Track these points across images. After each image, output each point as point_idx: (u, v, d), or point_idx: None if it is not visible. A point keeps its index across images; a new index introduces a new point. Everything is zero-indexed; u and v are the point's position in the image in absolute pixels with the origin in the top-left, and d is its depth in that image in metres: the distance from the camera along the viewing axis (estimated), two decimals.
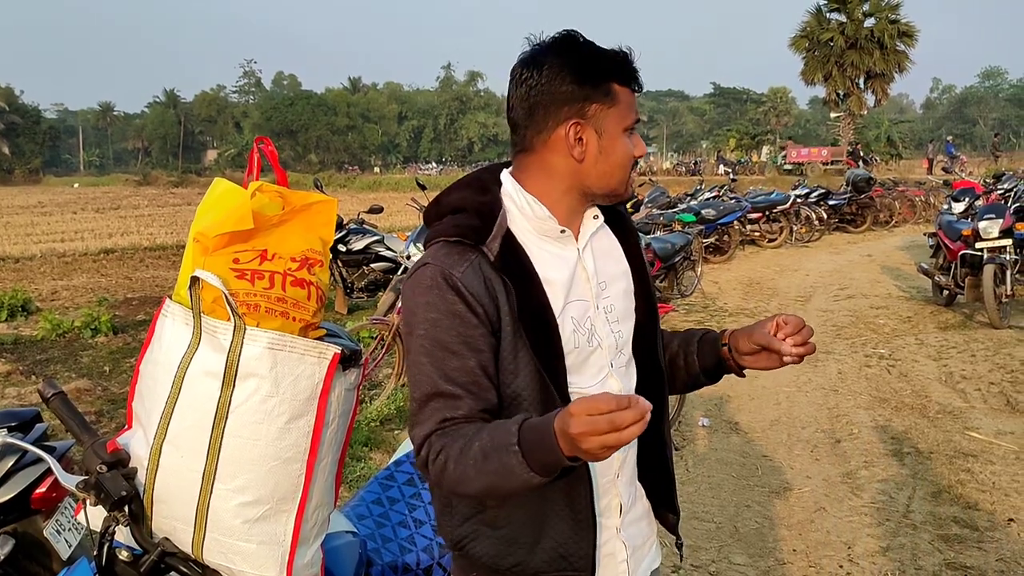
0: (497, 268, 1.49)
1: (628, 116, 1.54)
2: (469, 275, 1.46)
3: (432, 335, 1.46)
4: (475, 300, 1.45)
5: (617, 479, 1.62)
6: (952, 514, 4.32)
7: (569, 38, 1.53)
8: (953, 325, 8.97)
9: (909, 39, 37.39)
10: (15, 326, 9.58)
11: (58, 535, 2.83)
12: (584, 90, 1.50)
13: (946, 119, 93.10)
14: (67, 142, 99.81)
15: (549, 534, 1.53)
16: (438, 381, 1.45)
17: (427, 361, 1.46)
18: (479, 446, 1.37)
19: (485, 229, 1.51)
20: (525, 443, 1.31)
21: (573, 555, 1.54)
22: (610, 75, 1.51)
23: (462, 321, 1.45)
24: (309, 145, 76.56)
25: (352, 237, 9.83)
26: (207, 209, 1.65)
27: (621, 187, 1.59)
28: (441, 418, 1.44)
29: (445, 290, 1.45)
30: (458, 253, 1.49)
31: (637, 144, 1.58)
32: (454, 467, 1.39)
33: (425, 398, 1.46)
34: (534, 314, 1.49)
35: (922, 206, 19.81)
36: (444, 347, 1.45)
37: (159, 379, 1.62)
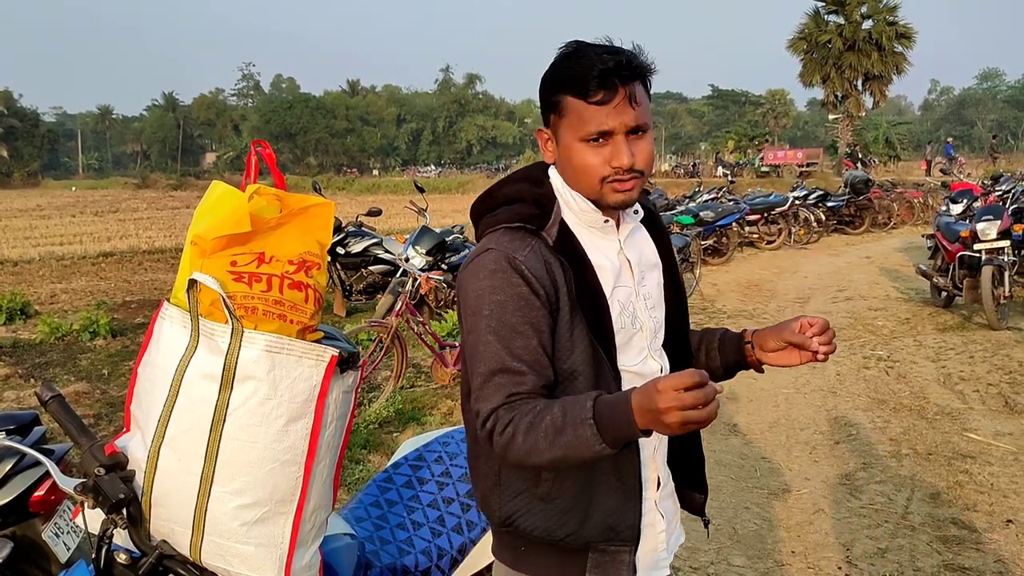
0: (556, 251, 1.61)
1: (581, 127, 1.58)
2: (531, 258, 1.58)
3: (499, 316, 1.56)
4: (537, 282, 1.57)
5: (656, 453, 1.74)
6: (950, 515, 4.33)
7: (560, 52, 1.63)
8: (951, 326, 8.97)
9: (907, 41, 37.40)
10: (14, 329, 9.57)
11: (57, 538, 2.83)
12: (546, 101, 1.64)
13: (944, 121, 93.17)
14: (66, 145, 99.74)
15: (598, 506, 1.64)
16: (505, 358, 1.54)
17: (494, 339, 1.55)
18: (551, 419, 1.46)
19: (544, 216, 1.64)
20: (600, 417, 1.42)
21: (620, 525, 1.65)
22: (561, 89, 1.60)
23: (527, 303, 1.56)
24: (308, 148, 76.50)
25: (351, 240, 9.83)
26: (205, 212, 1.66)
27: (593, 194, 1.64)
28: (508, 393, 1.53)
29: (510, 273, 1.57)
30: (519, 238, 1.61)
31: (613, 156, 1.58)
32: (523, 439, 1.48)
33: (491, 373, 1.55)
34: (589, 295, 1.62)
35: (920, 208, 19.84)
36: (510, 327, 1.55)
37: (157, 382, 1.62)
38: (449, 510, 2.37)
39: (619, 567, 1.66)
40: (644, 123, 1.59)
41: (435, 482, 2.45)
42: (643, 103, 1.59)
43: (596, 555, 1.66)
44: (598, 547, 1.65)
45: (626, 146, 1.58)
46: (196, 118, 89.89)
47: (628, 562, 1.67)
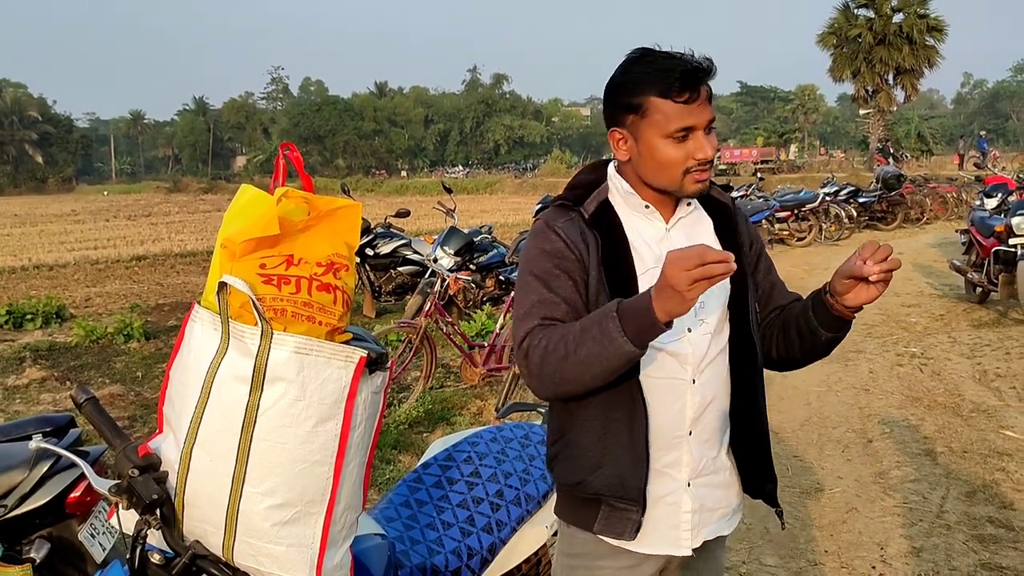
0: (590, 224, 1.82)
1: (666, 125, 1.73)
2: (568, 226, 1.82)
3: (539, 263, 1.80)
4: (572, 244, 1.79)
5: (689, 436, 1.83)
6: (987, 514, 4.27)
7: (634, 53, 1.79)
8: (987, 323, 8.85)
9: (939, 34, 36.94)
10: (49, 333, 9.72)
11: (93, 539, 2.87)
12: (621, 104, 1.79)
13: (978, 114, 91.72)
14: (99, 150, 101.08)
15: (610, 462, 1.79)
16: (543, 292, 1.77)
17: (534, 279, 1.79)
18: (579, 325, 1.67)
19: (584, 195, 1.87)
20: (622, 310, 1.60)
21: (627, 485, 1.79)
22: (645, 89, 1.74)
23: (562, 256, 1.79)
24: (336, 150, 76.91)
25: (379, 241, 9.88)
26: (234, 216, 1.67)
27: (673, 185, 1.80)
28: (544, 315, 1.75)
29: (548, 233, 1.82)
30: (561, 212, 1.86)
31: (697, 148, 1.75)
32: (554, 347, 1.67)
33: (531, 306, 1.77)
34: (617, 266, 1.79)
35: (954, 202, 19.55)
36: (548, 271, 1.78)
37: (188, 384, 1.64)
38: (478, 510, 2.37)
39: (623, 523, 1.81)
40: (714, 120, 1.79)
41: (464, 482, 2.45)
42: (712, 101, 1.79)
43: (606, 508, 1.82)
44: (608, 500, 1.81)
45: (707, 140, 1.76)
46: (226, 122, 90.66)
47: (634, 521, 1.81)
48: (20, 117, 79.34)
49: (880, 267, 1.65)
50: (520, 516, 2.42)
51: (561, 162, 58.62)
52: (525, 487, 2.48)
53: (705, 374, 1.83)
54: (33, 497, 2.73)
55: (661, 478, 1.83)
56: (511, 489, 2.46)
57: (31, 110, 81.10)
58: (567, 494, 1.90)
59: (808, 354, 1.94)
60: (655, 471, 1.81)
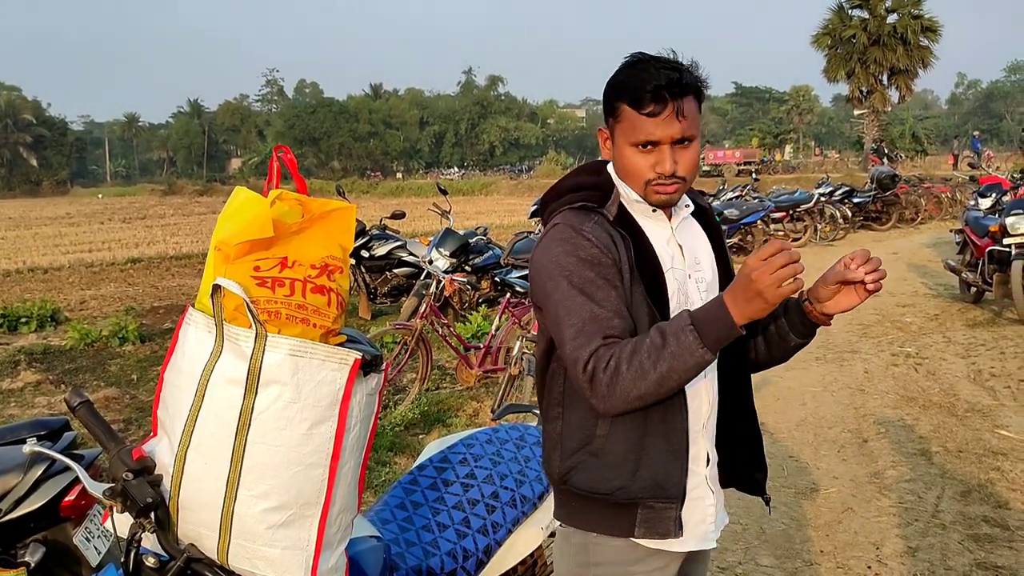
0: (616, 225, 1.79)
1: (632, 134, 1.75)
2: (596, 229, 1.77)
3: (579, 273, 1.72)
4: (604, 248, 1.75)
5: (704, 430, 1.86)
6: (982, 513, 4.27)
7: (624, 61, 1.79)
8: (981, 322, 8.87)
9: (933, 34, 37.03)
10: (44, 336, 9.69)
11: (87, 542, 2.86)
12: (606, 105, 1.81)
13: (972, 114, 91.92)
14: (93, 153, 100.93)
15: (647, 463, 1.76)
16: (592, 307, 1.70)
17: (578, 293, 1.71)
18: (650, 341, 1.63)
19: (604, 197, 1.83)
20: (697, 321, 1.60)
21: (667, 483, 1.78)
22: (619, 97, 1.76)
23: (599, 263, 1.73)
24: (332, 152, 76.84)
25: (375, 243, 9.86)
26: (228, 218, 1.67)
27: (639, 192, 1.81)
28: (604, 334, 1.68)
29: (579, 239, 1.75)
30: (583, 215, 1.80)
31: (658, 161, 1.75)
32: (627, 366, 1.63)
33: (583, 322, 1.69)
34: (648, 265, 1.78)
35: (948, 202, 19.58)
36: (591, 282, 1.71)
37: (183, 387, 1.64)
38: (474, 512, 2.37)
39: (666, 522, 1.79)
40: (690, 135, 1.74)
41: (460, 484, 2.45)
42: (691, 116, 1.74)
43: (645, 511, 1.78)
44: (646, 503, 1.78)
45: (670, 155, 1.74)
46: (221, 124, 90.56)
47: (675, 518, 1.79)
48: (14, 120, 79.18)
49: (873, 276, 1.66)
50: (516, 518, 2.42)
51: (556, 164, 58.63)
52: (521, 488, 2.48)
53: (711, 373, 1.86)
54: (28, 501, 2.73)
55: (688, 475, 1.84)
56: (507, 491, 2.46)
57: (25, 113, 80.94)
58: (590, 502, 1.82)
59: (770, 360, 1.98)
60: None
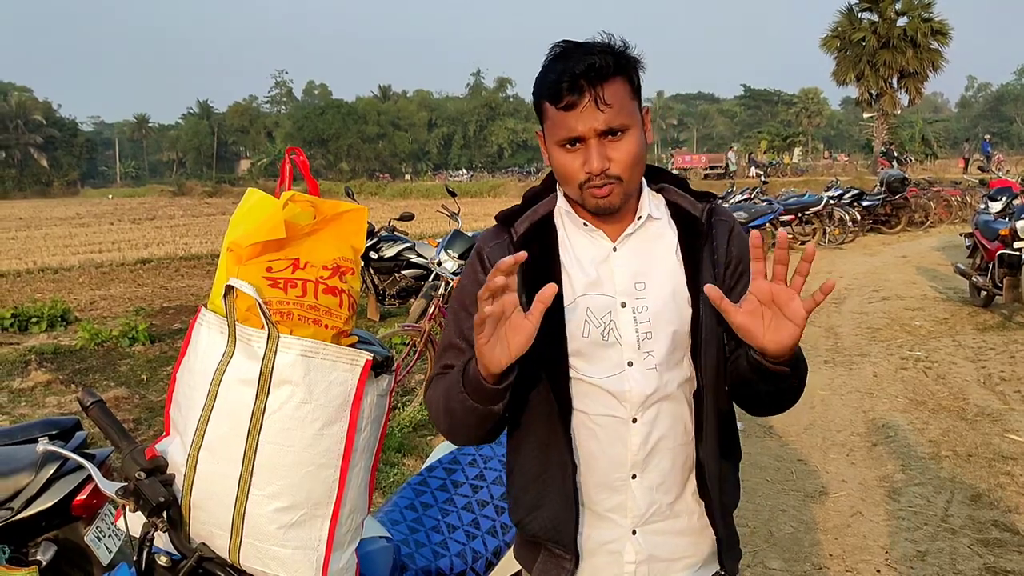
0: (517, 246, 1.65)
1: (555, 132, 1.56)
2: (496, 250, 1.67)
3: (459, 297, 1.72)
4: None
5: (632, 480, 1.63)
6: (992, 518, 4.26)
7: (551, 52, 1.58)
8: (991, 326, 8.83)
9: (943, 37, 36.94)
10: (55, 336, 9.74)
11: (99, 541, 2.88)
12: (535, 106, 1.63)
13: (982, 117, 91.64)
14: (103, 154, 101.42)
15: (546, 504, 1.67)
16: (453, 336, 1.69)
17: (451, 319, 1.72)
18: (448, 379, 1.61)
19: (517, 214, 1.71)
20: (468, 369, 1.51)
21: (561, 530, 1.66)
22: (539, 94, 1.59)
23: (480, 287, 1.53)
24: (340, 153, 76.98)
25: (383, 244, 9.88)
26: (240, 219, 1.67)
27: (577, 198, 1.61)
28: (444, 364, 1.68)
29: (475, 262, 1.71)
30: (495, 233, 1.72)
31: (586, 159, 1.53)
32: (436, 402, 1.63)
33: (442, 349, 1.72)
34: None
35: (958, 206, 19.53)
36: (464, 307, 1.69)
37: (195, 387, 1.64)
38: (484, 513, 2.38)
39: (559, 571, 1.67)
40: (619, 124, 1.52)
41: (469, 485, 2.46)
42: (618, 102, 1.51)
43: (545, 554, 1.71)
44: (547, 546, 1.70)
45: (596, 150, 1.52)
46: (230, 125, 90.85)
47: (568, 570, 1.66)
48: (25, 121, 79.60)
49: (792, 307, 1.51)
50: None
51: None
52: None
53: (649, 412, 1.60)
54: (39, 500, 2.74)
55: (603, 523, 1.65)
56: None
57: (36, 114, 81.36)
58: (517, 533, 1.79)
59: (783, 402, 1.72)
60: (596, 515, 1.66)
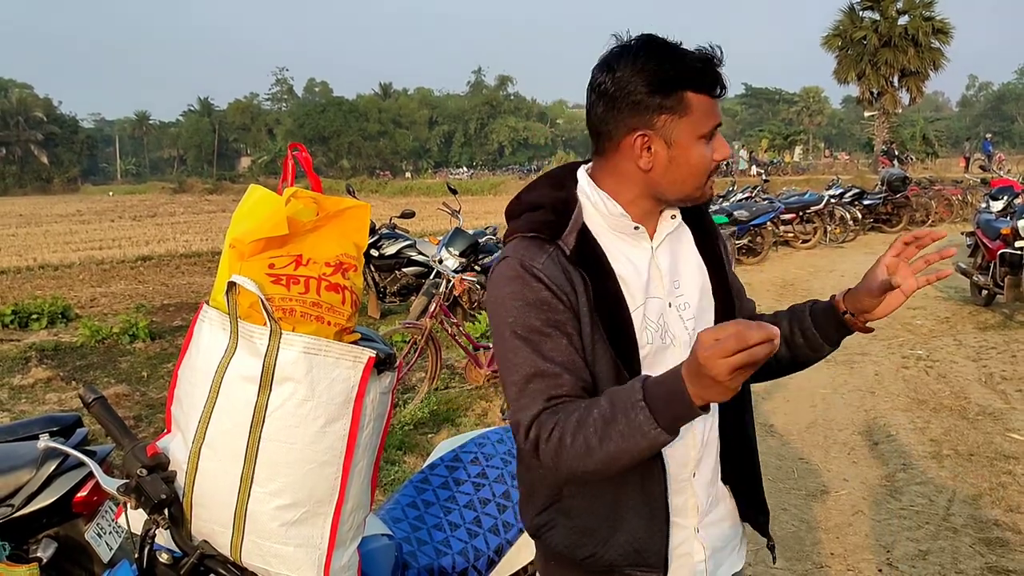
0: (573, 261, 1.52)
1: (704, 124, 1.51)
2: (549, 266, 1.50)
3: (523, 321, 1.48)
4: (558, 288, 1.49)
5: (693, 479, 1.63)
6: (994, 517, 4.25)
7: (647, 42, 1.50)
8: (992, 325, 8.83)
9: (944, 36, 36.91)
10: (55, 333, 9.73)
11: (99, 538, 2.87)
12: (654, 100, 1.48)
13: (983, 117, 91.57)
14: (104, 151, 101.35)
15: (623, 527, 1.55)
16: (537, 361, 1.46)
17: (522, 344, 1.48)
18: (599, 413, 1.37)
19: (560, 224, 1.54)
20: (651, 398, 1.32)
21: (647, 550, 1.56)
22: (683, 84, 1.47)
23: (549, 307, 1.48)
24: (341, 151, 76.97)
25: (384, 242, 9.87)
26: (243, 216, 1.67)
27: (696, 192, 1.58)
28: (547, 396, 1.45)
29: (529, 279, 1.49)
30: (536, 247, 1.53)
31: (718, 148, 1.55)
32: (572, 440, 1.39)
33: (525, 380, 1.47)
34: (610, 308, 1.51)
35: (959, 205, 19.50)
36: (537, 331, 1.48)
37: (197, 384, 1.64)
38: (485, 511, 2.37)
39: None
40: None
41: (471, 483, 2.45)
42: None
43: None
44: (623, 571, 1.57)
45: (719, 136, 1.57)
46: (231, 123, 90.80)
47: None
48: (26, 117, 79.63)
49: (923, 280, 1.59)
50: None
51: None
52: None
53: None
54: (40, 496, 2.74)
55: (673, 529, 1.61)
56: (518, 490, 2.45)
57: (37, 110, 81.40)
58: (564, 564, 1.63)
59: (794, 367, 1.79)
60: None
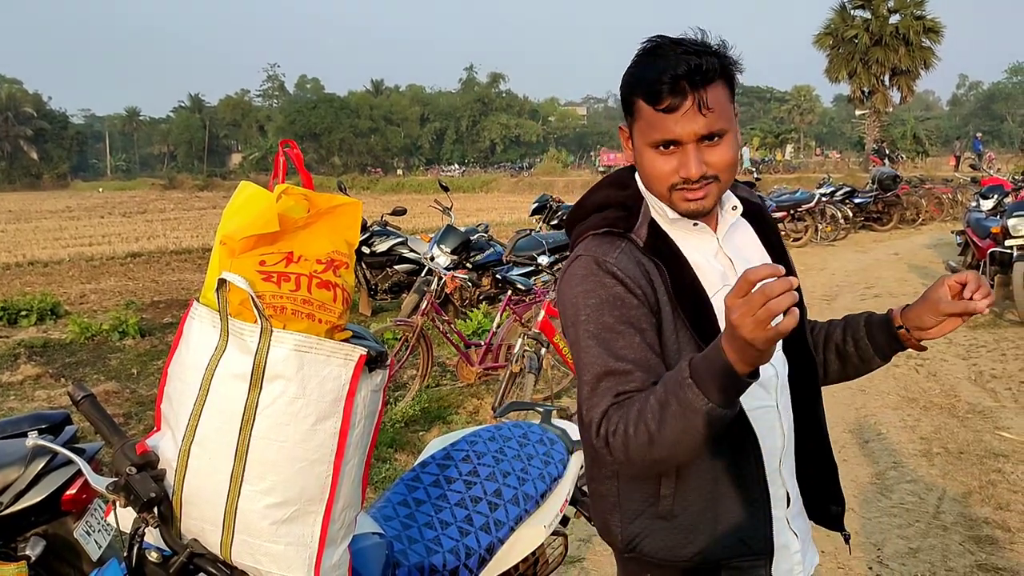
0: (647, 252, 1.55)
1: (650, 134, 1.51)
2: (623, 260, 1.53)
3: (596, 319, 1.50)
4: (632, 282, 1.51)
5: (781, 466, 1.63)
6: (983, 515, 4.27)
7: (639, 48, 1.53)
8: (982, 324, 8.86)
9: (935, 35, 37.02)
10: (44, 329, 9.69)
11: (88, 536, 2.86)
12: (623, 101, 1.57)
13: (973, 116, 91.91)
14: (94, 147, 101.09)
15: (725, 518, 1.56)
16: (608, 360, 1.48)
17: (594, 343, 1.49)
18: (655, 399, 1.39)
19: (631, 218, 1.59)
20: (697, 373, 1.33)
21: (751, 538, 1.57)
22: (633, 92, 1.53)
23: (623, 303, 1.50)
24: (332, 148, 76.82)
25: (375, 239, 9.86)
26: (233, 212, 1.65)
27: (664, 201, 1.57)
28: (615, 392, 1.46)
29: (602, 276, 1.52)
30: (608, 242, 1.57)
31: (681, 164, 1.50)
32: (634, 430, 1.40)
33: (596, 379, 1.48)
34: (689, 295, 1.54)
35: (949, 204, 19.58)
36: (609, 328, 1.49)
37: (187, 381, 1.62)
38: (477, 509, 2.36)
39: None
40: (719, 129, 1.49)
41: (463, 481, 2.44)
42: (719, 107, 1.48)
43: (728, 572, 1.58)
44: (731, 564, 1.57)
45: (695, 156, 1.49)
46: (222, 119, 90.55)
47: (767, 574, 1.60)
48: (15, 113, 79.27)
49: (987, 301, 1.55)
50: (518, 515, 2.41)
51: (557, 161, 58.80)
52: (523, 486, 2.47)
53: (784, 397, 1.65)
54: (29, 494, 2.72)
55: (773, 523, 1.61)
56: (509, 488, 2.45)
57: (26, 106, 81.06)
58: (663, 570, 1.60)
59: (842, 378, 1.84)
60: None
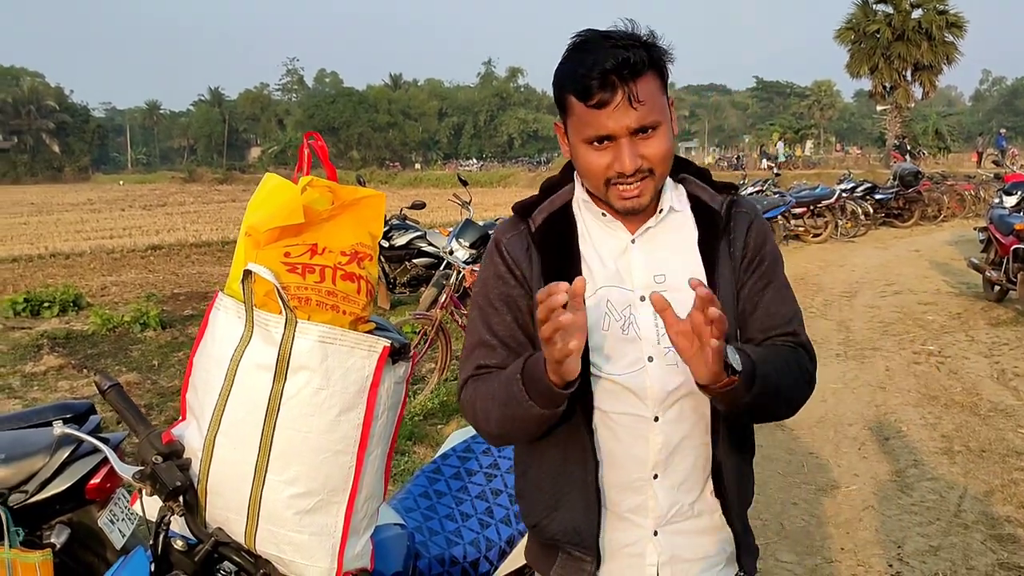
0: (534, 239, 1.62)
1: (582, 129, 1.49)
2: (514, 242, 1.64)
3: (483, 292, 1.65)
4: (515, 264, 1.62)
5: (654, 480, 1.58)
6: (1005, 514, 4.24)
7: (575, 41, 1.51)
8: (1005, 321, 8.78)
9: (958, 30, 36.68)
10: (67, 321, 9.78)
11: (112, 525, 2.89)
12: (556, 97, 1.56)
13: (997, 111, 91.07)
14: (115, 140, 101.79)
15: (565, 505, 1.63)
16: (483, 332, 1.63)
17: (476, 314, 1.65)
18: (498, 383, 1.53)
19: (535, 204, 1.67)
20: (527, 372, 1.45)
21: (582, 532, 1.62)
22: (563, 88, 1.52)
23: (503, 281, 1.63)
24: (351, 142, 76.95)
25: (394, 233, 9.88)
26: (258, 204, 1.66)
27: (601, 196, 1.55)
28: (477, 364, 1.62)
29: (494, 254, 1.65)
30: (512, 225, 1.68)
31: (615, 158, 1.47)
32: (480, 404, 1.57)
33: (471, 347, 1.65)
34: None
35: (971, 200, 19.42)
36: (489, 304, 1.63)
37: (212, 371, 1.64)
38: (497, 501, 2.37)
39: (579, 575, 1.62)
40: (652, 121, 1.46)
41: (483, 473, 2.45)
42: (650, 99, 1.45)
43: (563, 556, 1.64)
44: (565, 548, 1.64)
45: (629, 150, 1.46)
46: (241, 113, 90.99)
47: (589, 572, 1.61)
48: (37, 106, 79.96)
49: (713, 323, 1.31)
50: None
51: None
52: None
53: (672, 410, 1.56)
54: (54, 483, 2.75)
55: (623, 525, 1.61)
56: None
57: (48, 99, 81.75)
58: (530, 536, 1.74)
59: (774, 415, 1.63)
60: (616, 516, 1.61)
